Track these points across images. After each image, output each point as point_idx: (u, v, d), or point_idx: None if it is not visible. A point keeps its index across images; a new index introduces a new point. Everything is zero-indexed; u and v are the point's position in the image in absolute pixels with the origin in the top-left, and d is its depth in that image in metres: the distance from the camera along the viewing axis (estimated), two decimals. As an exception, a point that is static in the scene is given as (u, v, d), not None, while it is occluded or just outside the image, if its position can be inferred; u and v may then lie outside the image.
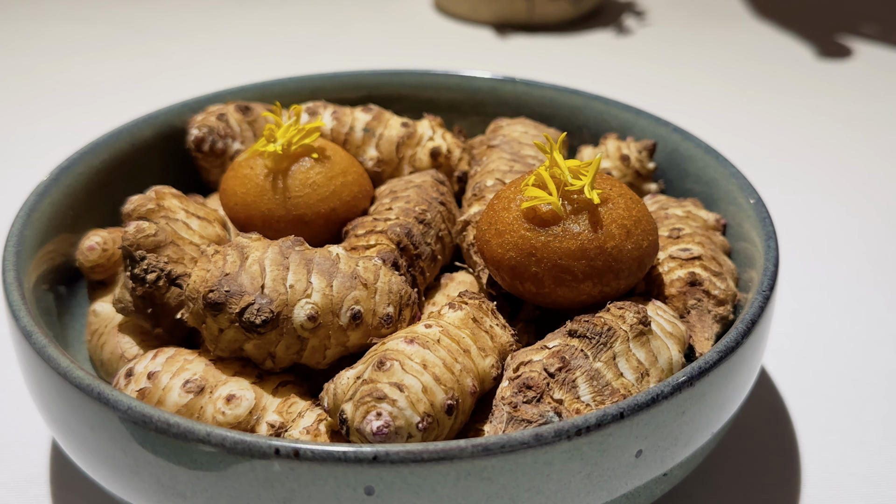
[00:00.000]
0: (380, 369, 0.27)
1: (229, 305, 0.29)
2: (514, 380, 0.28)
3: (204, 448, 0.24)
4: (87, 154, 0.39)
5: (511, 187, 0.32)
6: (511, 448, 0.24)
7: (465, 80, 0.46)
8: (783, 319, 0.45)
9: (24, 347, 0.29)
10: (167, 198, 0.34)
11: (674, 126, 0.41)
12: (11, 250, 0.33)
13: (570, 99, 0.44)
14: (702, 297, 0.32)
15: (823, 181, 0.59)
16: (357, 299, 0.30)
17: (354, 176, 0.36)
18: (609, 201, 0.30)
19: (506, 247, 0.30)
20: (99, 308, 0.35)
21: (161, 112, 0.42)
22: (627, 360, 0.28)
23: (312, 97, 0.45)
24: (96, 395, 0.26)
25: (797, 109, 0.69)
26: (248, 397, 0.29)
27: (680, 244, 0.34)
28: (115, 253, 0.36)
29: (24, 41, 0.81)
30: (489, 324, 0.30)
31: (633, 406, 0.25)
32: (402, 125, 0.40)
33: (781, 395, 0.41)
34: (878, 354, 0.43)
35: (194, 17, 0.87)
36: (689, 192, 0.40)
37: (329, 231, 0.36)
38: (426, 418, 0.26)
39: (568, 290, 0.30)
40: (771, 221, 0.34)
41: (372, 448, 0.24)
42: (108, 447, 0.27)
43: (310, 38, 0.82)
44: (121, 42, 0.81)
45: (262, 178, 0.35)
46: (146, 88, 0.72)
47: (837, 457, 0.37)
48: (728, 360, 0.28)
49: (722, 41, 0.82)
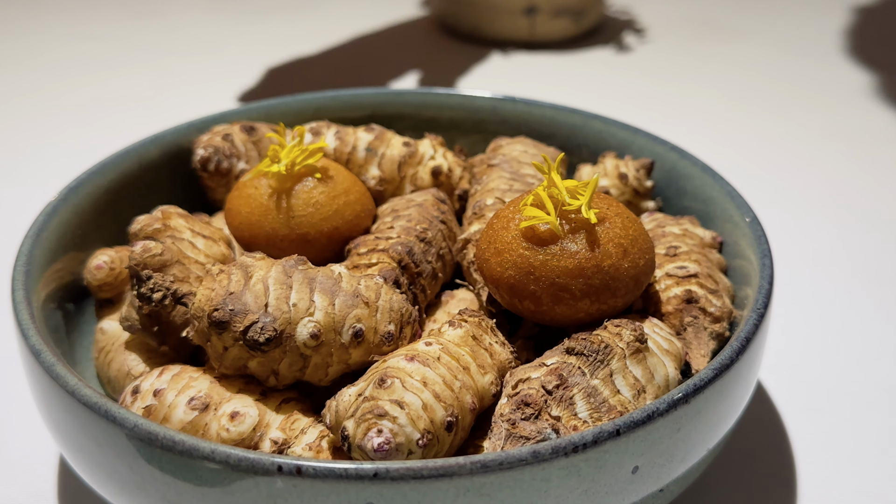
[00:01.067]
0: (381, 387, 0.27)
1: (233, 324, 0.29)
2: (513, 397, 0.28)
3: (208, 465, 0.25)
4: (94, 174, 0.39)
5: (510, 207, 0.33)
6: (509, 465, 0.24)
7: (466, 100, 0.47)
8: (779, 335, 0.46)
9: (33, 365, 0.29)
10: (173, 217, 0.35)
11: (671, 145, 0.42)
12: (21, 269, 0.33)
13: (570, 118, 0.45)
14: (698, 315, 0.33)
15: (819, 198, 0.59)
16: (359, 317, 0.30)
17: (357, 195, 0.37)
18: (606, 220, 0.31)
19: (505, 265, 0.31)
20: (106, 326, 0.36)
21: (167, 132, 0.43)
22: (624, 377, 0.29)
23: (316, 117, 0.46)
24: (103, 412, 0.26)
25: (793, 127, 0.70)
26: (252, 414, 0.29)
27: (677, 262, 0.35)
28: (123, 272, 0.36)
29: (34, 60, 0.82)
30: (489, 341, 0.31)
31: (630, 423, 0.26)
32: (403, 144, 0.41)
33: (778, 410, 0.41)
34: (874, 369, 0.43)
35: (200, 36, 0.89)
36: (687, 210, 0.40)
37: (332, 249, 0.36)
38: (426, 435, 0.27)
39: (566, 307, 0.31)
40: (766, 240, 0.35)
41: (373, 465, 0.24)
42: (115, 463, 0.27)
43: (314, 58, 0.83)
44: (128, 61, 0.82)
45: (267, 198, 0.35)
46: (153, 106, 0.72)
47: (833, 471, 0.37)
48: (723, 376, 0.28)
49: (721, 59, 0.82)
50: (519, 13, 0.81)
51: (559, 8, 0.81)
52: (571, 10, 0.81)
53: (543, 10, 0.80)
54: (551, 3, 0.80)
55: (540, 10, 0.80)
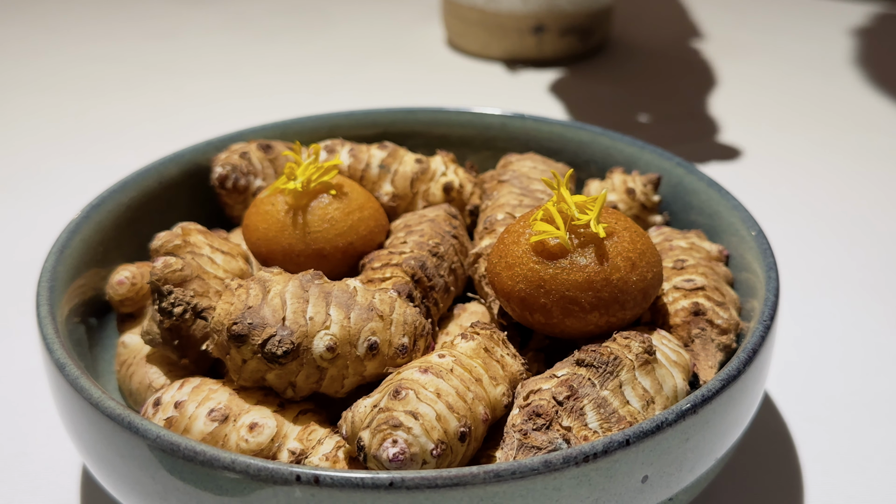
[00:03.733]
0: (395, 398, 0.28)
1: (252, 337, 0.30)
2: (525, 408, 0.29)
3: (228, 475, 0.25)
4: (116, 192, 0.40)
5: (520, 222, 0.33)
6: (521, 474, 0.25)
7: (477, 117, 0.48)
8: (786, 347, 0.46)
9: (58, 378, 0.30)
10: (193, 234, 0.35)
11: (678, 160, 0.42)
12: (45, 285, 0.34)
13: (578, 134, 0.46)
14: (705, 327, 0.33)
15: (824, 212, 0.60)
16: (374, 330, 0.31)
17: (371, 211, 0.38)
18: (614, 235, 0.32)
19: (516, 279, 0.32)
20: (128, 340, 0.36)
21: (187, 151, 0.44)
22: (633, 389, 0.29)
23: (330, 135, 0.47)
24: (126, 424, 0.27)
25: (798, 142, 0.70)
26: (270, 425, 0.30)
27: (684, 275, 0.35)
28: (144, 287, 0.37)
29: (58, 82, 0.83)
30: (500, 353, 0.31)
31: (639, 433, 0.26)
32: (415, 161, 0.42)
33: (785, 420, 0.41)
34: (879, 380, 0.44)
35: (217, 57, 0.90)
36: (693, 224, 0.41)
37: (347, 264, 0.37)
38: (440, 445, 0.27)
39: (575, 320, 0.31)
40: (772, 253, 0.35)
41: (388, 474, 0.25)
42: (138, 474, 0.28)
43: (328, 77, 0.84)
44: (148, 81, 0.83)
45: (283, 214, 0.36)
46: (172, 125, 0.74)
47: (840, 481, 0.37)
48: (730, 387, 0.28)
49: (727, 75, 0.83)
50: (527, 32, 0.82)
51: (566, 27, 0.82)
52: (578, 29, 0.83)
53: (551, 30, 0.82)
54: (559, 22, 0.81)
55: (548, 29, 0.81)
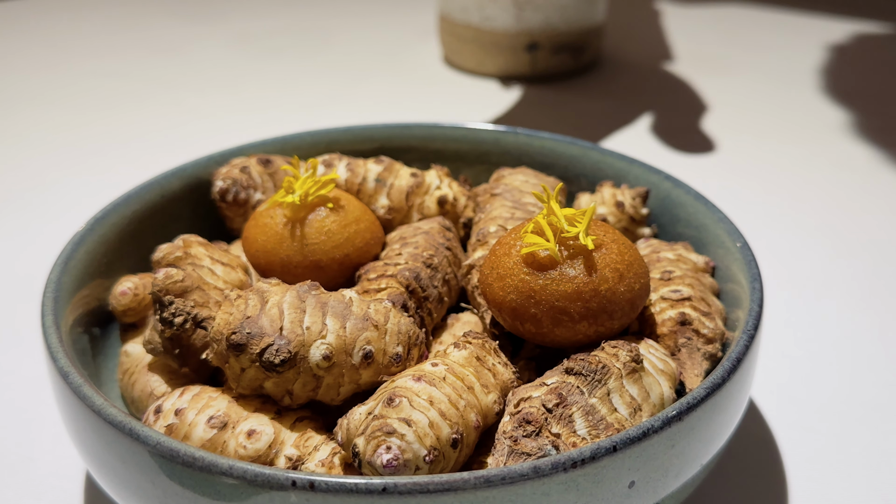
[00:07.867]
0: (389, 405, 0.28)
1: (250, 346, 0.31)
2: (515, 415, 0.29)
3: (227, 480, 0.26)
4: (119, 205, 0.41)
5: (512, 234, 0.34)
6: (511, 480, 0.25)
7: (471, 132, 0.48)
8: (772, 355, 0.46)
9: (62, 386, 0.30)
10: (194, 246, 0.36)
11: (665, 174, 0.43)
12: (50, 296, 0.34)
13: (569, 149, 0.46)
14: (691, 336, 0.34)
15: (807, 223, 0.61)
16: (369, 340, 0.31)
17: (367, 224, 0.39)
18: (603, 247, 0.32)
19: (507, 289, 0.32)
20: (130, 349, 0.37)
21: (188, 165, 0.44)
22: (621, 396, 0.30)
23: (328, 150, 0.48)
24: (128, 430, 0.27)
25: (781, 156, 0.71)
26: (268, 432, 0.31)
27: (671, 286, 0.36)
28: (146, 298, 0.38)
29: (62, 97, 0.84)
30: (492, 362, 0.32)
31: (626, 440, 0.27)
32: (411, 175, 0.43)
33: (770, 427, 0.42)
34: (862, 387, 0.44)
35: (219, 73, 0.91)
36: (681, 236, 0.42)
37: (343, 275, 0.38)
38: (432, 451, 0.28)
39: (565, 330, 0.32)
40: (756, 264, 0.36)
41: (382, 480, 0.25)
42: (139, 479, 0.28)
43: (326, 93, 0.86)
44: (151, 97, 0.84)
45: (282, 227, 0.37)
46: (174, 140, 0.74)
47: (824, 487, 0.38)
48: (715, 395, 0.29)
49: (713, 91, 0.84)
50: (521, 49, 0.83)
51: (559, 44, 0.83)
52: (571, 47, 0.84)
53: (544, 47, 0.83)
54: (552, 40, 0.83)
55: (541, 46, 0.83)
